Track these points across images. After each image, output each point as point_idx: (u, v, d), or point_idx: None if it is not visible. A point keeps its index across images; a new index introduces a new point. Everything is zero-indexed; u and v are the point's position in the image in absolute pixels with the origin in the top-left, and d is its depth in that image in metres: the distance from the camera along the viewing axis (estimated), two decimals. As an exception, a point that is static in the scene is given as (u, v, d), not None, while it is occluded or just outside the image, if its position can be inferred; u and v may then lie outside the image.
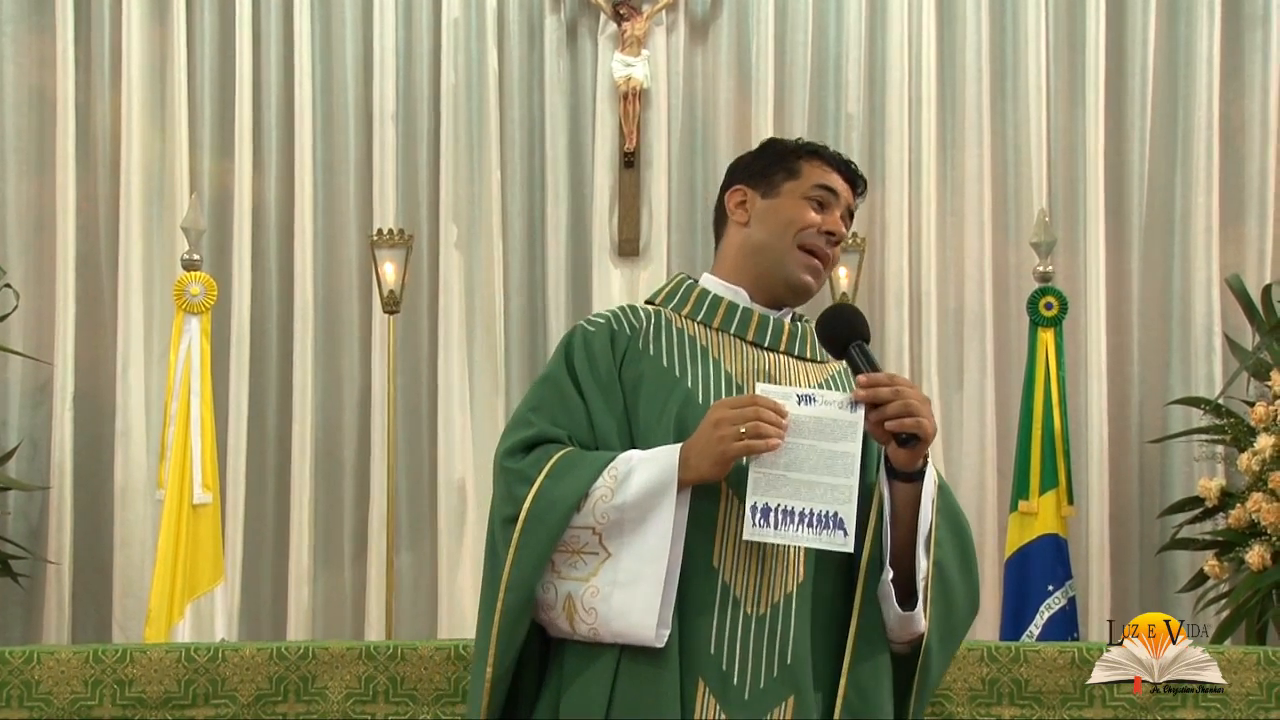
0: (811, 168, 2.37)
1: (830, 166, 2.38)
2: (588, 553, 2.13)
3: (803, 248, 2.33)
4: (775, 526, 2.07)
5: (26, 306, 5.61)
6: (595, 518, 2.13)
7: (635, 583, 2.10)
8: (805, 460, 2.09)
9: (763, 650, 2.15)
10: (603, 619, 2.11)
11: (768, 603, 2.16)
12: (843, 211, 2.37)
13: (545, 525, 2.14)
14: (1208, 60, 5.75)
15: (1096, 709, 2.86)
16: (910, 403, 2.12)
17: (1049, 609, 5.19)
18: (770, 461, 2.08)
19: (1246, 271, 5.61)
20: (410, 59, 5.86)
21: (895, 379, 2.15)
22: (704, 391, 2.24)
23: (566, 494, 2.14)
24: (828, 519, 2.08)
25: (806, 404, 2.11)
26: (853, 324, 2.24)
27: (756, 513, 2.07)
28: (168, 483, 5.14)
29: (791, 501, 2.08)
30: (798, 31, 5.85)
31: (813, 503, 2.08)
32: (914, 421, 2.11)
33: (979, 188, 5.78)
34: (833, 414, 2.11)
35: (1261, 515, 4.89)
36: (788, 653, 2.15)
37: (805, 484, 2.09)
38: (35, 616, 5.60)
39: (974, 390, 5.72)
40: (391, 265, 5.41)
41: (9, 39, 5.81)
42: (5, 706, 2.85)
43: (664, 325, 2.33)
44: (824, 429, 2.11)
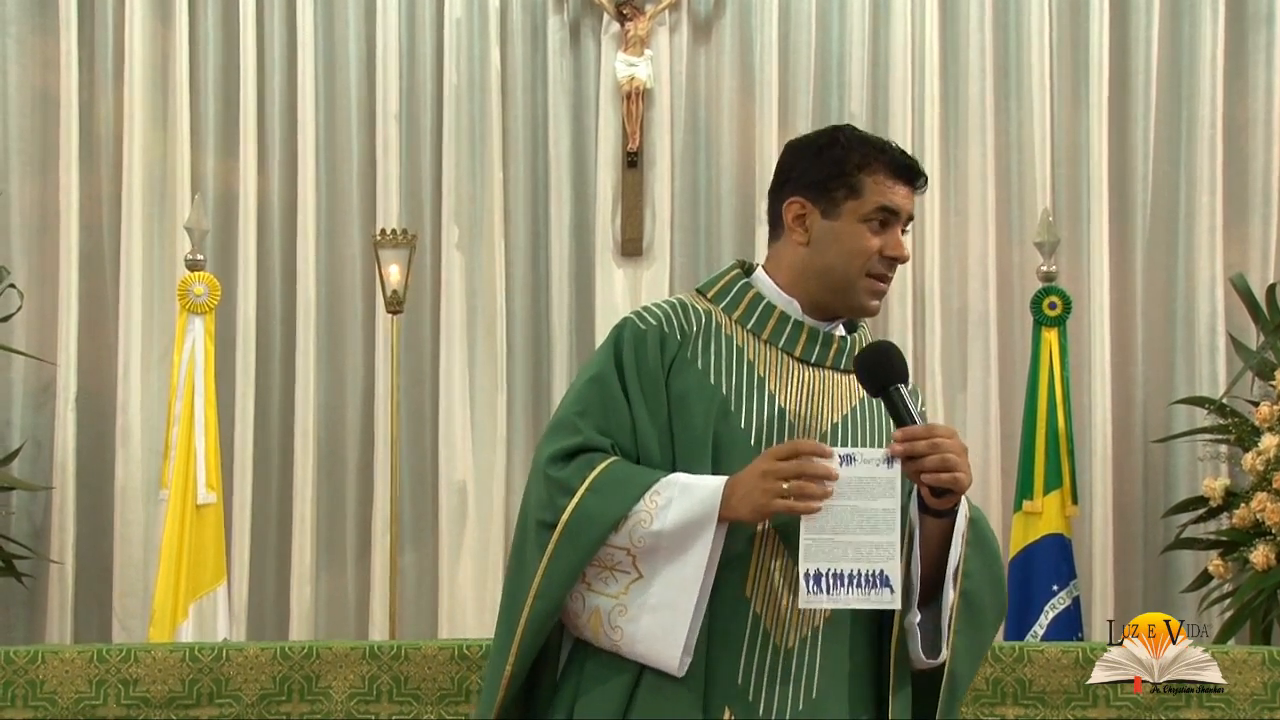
0: (875, 183, 2.26)
1: (893, 177, 2.27)
2: (620, 571, 2.14)
3: (869, 275, 2.30)
4: (827, 591, 2.10)
5: (30, 307, 5.61)
6: (632, 540, 2.13)
7: (664, 609, 2.10)
8: (849, 521, 2.11)
9: (790, 683, 2.16)
10: (628, 639, 2.12)
11: (797, 636, 2.17)
12: (903, 224, 2.30)
13: (582, 541, 2.14)
14: (1211, 59, 5.74)
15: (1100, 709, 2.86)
16: (947, 457, 2.11)
17: (1053, 609, 5.19)
18: (818, 527, 2.10)
19: (1251, 271, 5.61)
20: (413, 59, 5.86)
21: (934, 430, 2.13)
22: (745, 413, 2.23)
23: (607, 512, 2.13)
24: (875, 578, 2.11)
25: (847, 464, 2.12)
26: (891, 365, 2.20)
27: (809, 580, 2.10)
28: (171, 483, 5.14)
29: (839, 565, 2.10)
30: (801, 31, 5.85)
31: (859, 563, 2.10)
32: (950, 478, 2.11)
33: (982, 187, 5.78)
34: (871, 472, 2.12)
35: (1266, 515, 4.89)
36: (814, 686, 2.17)
37: (851, 545, 2.10)
38: (39, 616, 5.61)
39: (978, 390, 5.72)
40: (395, 265, 5.41)
41: (13, 40, 5.82)
42: (10, 706, 2.86)
43: (714, 332, 2.28)
44: (864, 487, 2.12)
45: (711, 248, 5.79)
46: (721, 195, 5.83)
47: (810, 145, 2.34)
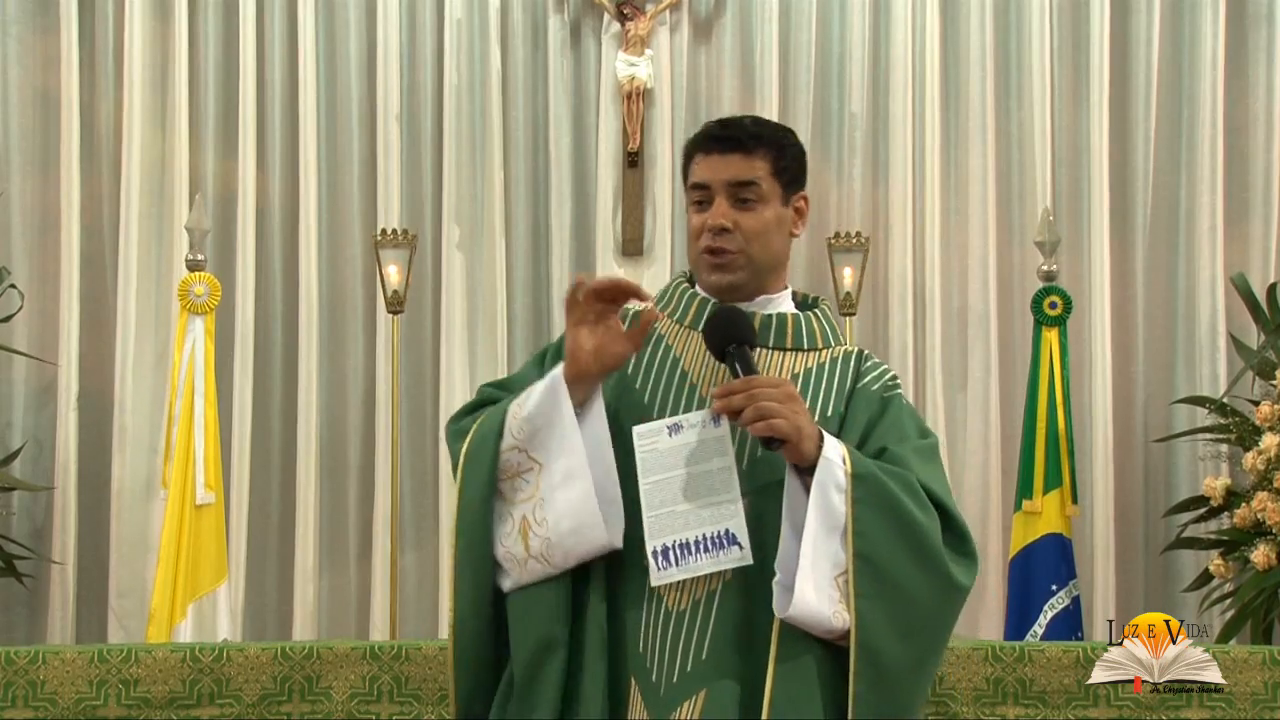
0: (692, 167, 2.34)
1: (703, 151, 2.33)
2: (525, 471, 2.20)
3: (703, 252, 2.32)
4: (676, 564, 2.10)
5: (31, 307, 5.62)
6: (514, 436, 2.20)
7: (570, 480, 2.16)
8: (686, 489, 2.11)
9: (679, 644, 2.16)
10: (552, 525, 2.15)
11: (689, 599, 2.17)
12: (726, 194, 2.29)
13: (479, 458, 2.23)
14: (1212, 59, 5.75)
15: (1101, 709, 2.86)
16: (761, 406, 2.09)
17: (1053, 609, 5.19)
18: (657, 502, 2.11)
19: (1251, 270, 5.61)
20: (414, 59, 5.86)
21: (753, 382, 2.12)
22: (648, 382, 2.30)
23: (492, 425, 2.24)
24: (721, 538, 2.10)
25: (675, 433, 2.13)
26: (731, 328, 2.22)
27: (658, 557, 2.10)
28: (171, 483, 5.14)
29: (684, 534, 2.10)
30: (801, 31, 5.85)
31: (702, 528, 2.10)
32: (764, 426, 2.09)
33: (983, 187, 5.78)
34: (699, 435, 2.13)
35: (1267, 515, 4.89)
36: (704, 647, 2.15)
37: (692, 512, 2.10)
38: (40, 617, 5.61)
39: (978, 390, 5.72)
40: (395, 265, 5.41)
41: (14, 40, 5.82)
42: (11, 706, 2.86)
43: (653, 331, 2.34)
44: (696, 453, 2.13)
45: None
46: (722, 195, 5.82)
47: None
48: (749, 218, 2.30)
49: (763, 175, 2.30)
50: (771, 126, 2.38)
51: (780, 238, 2.34)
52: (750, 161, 2.30)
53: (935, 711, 2.86)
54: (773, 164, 2.31)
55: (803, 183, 2.39)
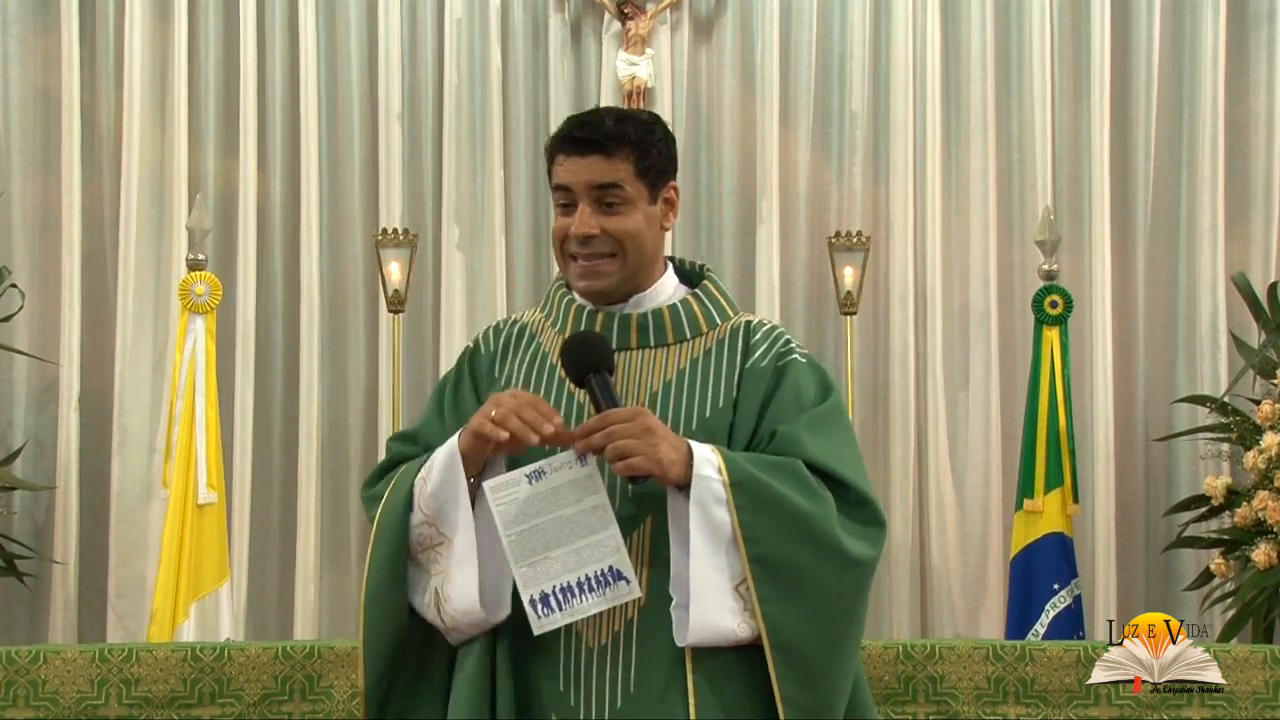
0: (554, 168, 2.25)
1: (562, 152, 2.23)
2: (437, 544, 2.16)
3: (569, 259, 2.27)
4: (560, 609, 2.06)
5: (32, 306, 5.62)
6: (423, 511, 2.17)
7: (463, 563, 2.13)
8: (560, 533, 2.07)
9: (605, 683, 2.13)
10: (452, 605, 2.14)
11: (609, 632, 2.13)
12: (589, 198, 2.21)
13: (388, 533, 2.19)
14: (1213, 58, 5.75)
15: (1102, 708, 2.86)
16: (618, 445, 2.05)
17: (1054, 608, 5.19)
18: (528, 552, 2.07)
19: (1252, 269, 5.61)
20: (415, 58, 5.86)
21: (608, 419, 2.08)
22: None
23: (399, 498, 2.19)
24: (606, 575, 2.07)
25: (538, 479, 2.09)
26: (592, 355, 2.16)
27: (537, 606, 2.07)
28: (172, 483, 5.14)
29: (564, 577, 2.06)
30: (802, 30, 5.85)
31: (584, 568, 2.06)
32: (624, 466, 2.05)
33: (984, 186, 5.78)
34: (566, 477, 2.09)
35: (1268, 513, 4.89)
36: (630, 681, 2.12)
37: (570, 554, 2.07)
38: (41, 616, 5.61)
39: (979, 389, 5.72)
40: (396, 264, 5.42)
41: (14, 39, 5.82)
42: (12, 706, 2.86)
43: (520, 340, 2.35)
44: (565, 495, 2.09)
45: (713, 246, 5.80)
46: (723, 194, 5.83)
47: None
48: (615, 222, 2.21)
49: (626, 177, 2.21)
50: (634, 122, 2.25)
51: (651, 236, 2.26)
52: (612, 163, 2.20)
53: (935, 710, 2.86)
54: (636, 164, 2.22)
55: (672, 173, 2.29)
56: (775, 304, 5.67)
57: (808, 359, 2.29)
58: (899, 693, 2.91)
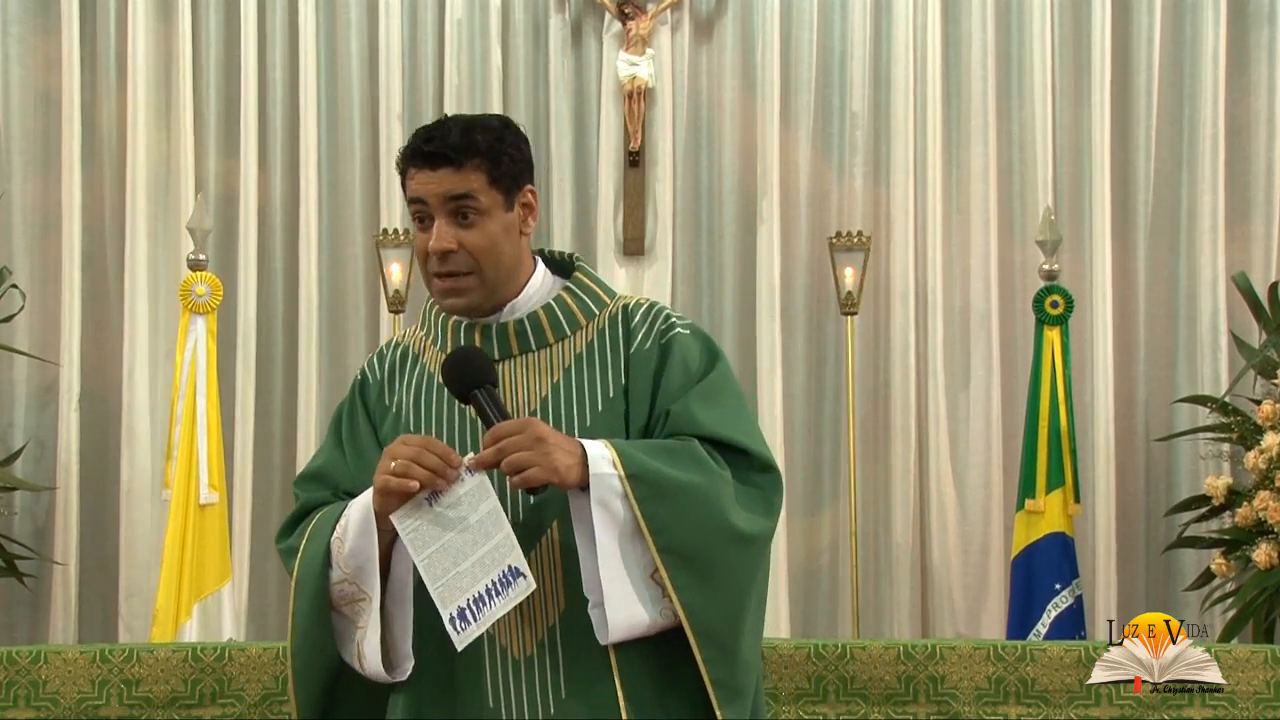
0: (408, 181, 2.22)
1: (414, 165, 2.20)
2: (359, 599, 2.17)
3: (435, 276, 2.23)
4: (475, 619, 2.07)
5: (32, 307, 5.62)
6: (343, 570, 2.17)
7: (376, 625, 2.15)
8: (462, 547, 2.09)
9: (536, 692, 2.13)
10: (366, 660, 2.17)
11: (534, 642, 2.14)
12: (444, 211, 2.18)
13: (307, 589, 2.19)
14: (1213, 58, 5.74)
15: (1103, 708, 2.86)
16: (512, 459, 2.06)
17: (1056, 608, 5.19)
18: (438, 572, 2.09)
19: (1253, 269, 5.61)
20: (415, 58, 5.86)
21: (498, 434, 2.08)
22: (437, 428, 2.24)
23: (317, 554, 2.19)
24: (506, 576, 2.07)
25: (434, 501, 2.11)
26: (470, 370, 2.15)
27: (456, 622, 2.07)
28: (174, 483, 5.14)
29: (474, 589, 2.07)
30: (803, 30, 5.85)
31: (488, 576, 2.07)
32: (520, 479, 2.06)
33: (984, 186, 5.78)
34: (459, 493, 2.10)
35: (1268, 514, 4.89)
36: (561, 687, 2.13)
37: (475, 565, 2.08)
38: (42, 617, 5.61)
39: (980, 389, 5.72)
40: (397, 265, 5.42)
41: (15, 40, 5.82)
42: (13, 706, 2.86)
43: (405, 363, 2.32)
44: (460, 508, 2.10)
45: (713, 246, 5.80)
46: (723, 194, 5.83)
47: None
48: (472, 235, 2.18)
49: (479, 187, 2.18)
50: (483, 130, 2.20)
51: (511, 244, 2.23)
52: (463, 175, 2.17)
53: (936, 710, 2.86)
54: (488, 174, 2.18)
55: (527, 176, 2.26)
56: (775, 304, 5.67)
57: (691, 329, 2.29)
58: (900, 693, 2.91)
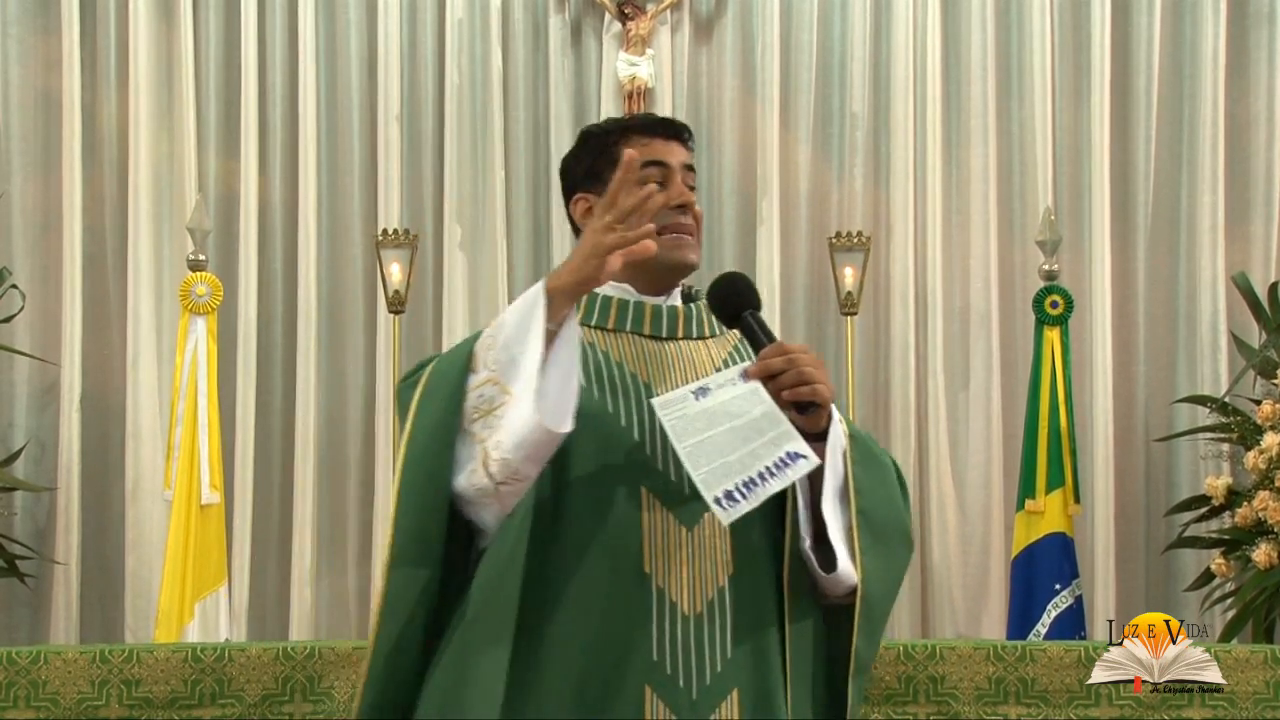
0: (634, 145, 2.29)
1: (648, 135, 2.32)
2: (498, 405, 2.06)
3: (661, 231, 2.25)
4: (744, 498, 2.05)
5: (33, 307, 5.62)
6: (489, 368, 2.08)
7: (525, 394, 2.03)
8: (731, 441, 2.08)
9: (705, 649, 2.13)
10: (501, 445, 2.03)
11: (703, 601, 2.14)
12: (680, 173, 2.31)
13: (439, 393, 2.12)
14: (1213, 58, 5.74)
15: (1103, 708, 2.86)
16: (804, 370, 2.10)
17: (1056, 608, 5.19)
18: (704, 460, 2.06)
19: (1252, 269, 5.61)
20: (415, 59, 5.86)
21: (786, 347, 2.13)
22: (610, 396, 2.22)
23: (455, 359, 2.13)
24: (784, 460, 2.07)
25: (703, 396, 2.11)
26: (742, 294, 2.23)
27: (722, 501, 2.04)
28: (175, 483, 5.14)
29: (744, 474, 2.06)
30: (802, 31, 5.85)
31: (762, 461, 2.07)
32: (809, 390, 2.10)
33: (984, 186, 5.78)
34: (731, 392, 2.11)
35: (1268, 514, 4.89)
36: (728, 647, 2.14)
37: (748, 455, 2.07)
38: (42, 617, 5.61)
39: (980, 389, 5.72)
40: (397, 265, 5.41)
41: (15, 40, 5.82)
42: (13, 706, 2.86)
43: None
44: (732, 409, 2.10)
45: (713, 246, 5.80)
46: (723, 195, 5.84)
47: (573, 150, 2.43)
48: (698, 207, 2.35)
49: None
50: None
51: None
52: (689, 154, 2.35)
53: (936, 710, 2.86)
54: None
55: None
56: (776, 304, 5.67)
57: None
58: (900, 693, 2.90)
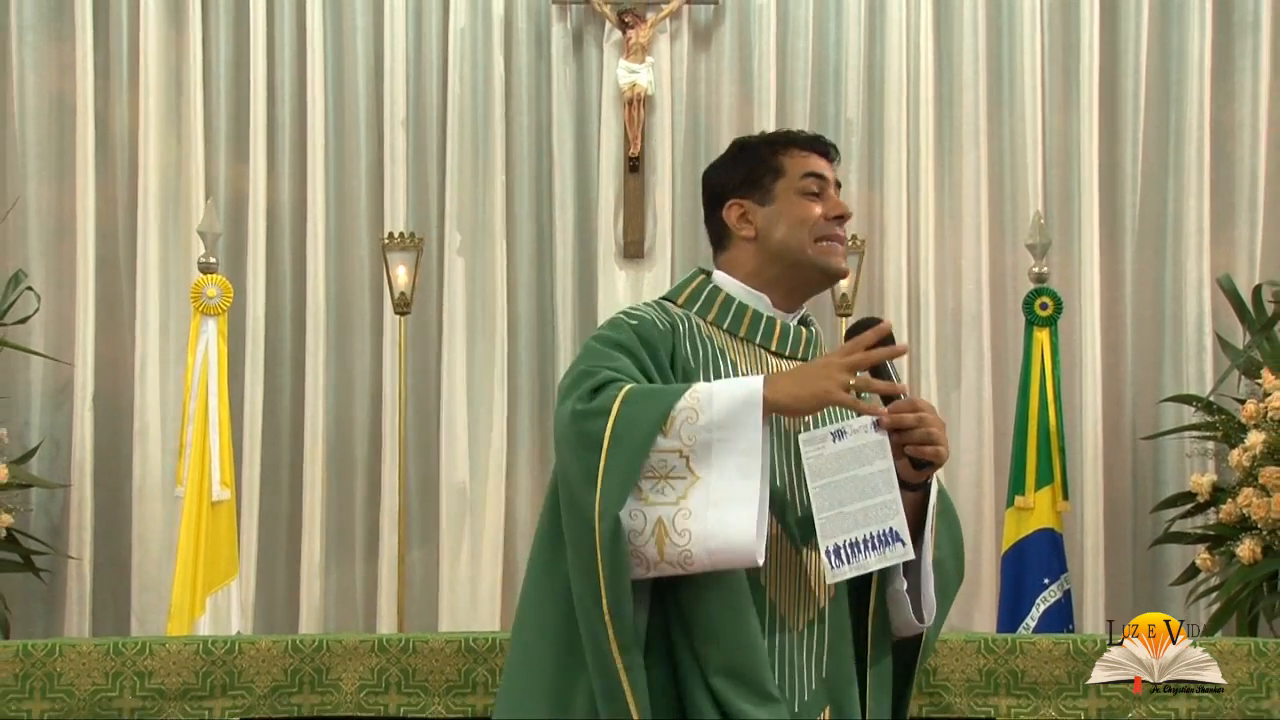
0: (793, 159, 2.38)
1: (808, 150, 2.40)
2: (675, 477, 2.06)
3: (820, 239, 2.35)
4: (848, 561, 2.13)
5: (47, 309, 5.62)
6: (683, 440, 2.06)
7: (730, 502, 2.04)
8: (852, 491, 2.14)
9: (807, 663, 2.20)
10: (697, 538, 2.03)
11: (805, 618, 2.21)
12: (834, 188, 2.40)
13: (629, 445, 2.06)
14: (1199, 66, 5.75)
15: (1091, 699, 2.87)
16: (932, 431, 2.16)
17: (1045, 602, 5.19)
18: (827, 504, 2.13)
19: (1237, 272, 5.62)
20: (419, 67, 5.87)
21: (918, 404, 2.19)
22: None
23: (650, 414, 2.08)
24: (885, 536, 2.13)
25: (839, 439, 2.15)
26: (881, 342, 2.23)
27: (831, 555, 2.12)
28: (187, 480, 5.15)
29: (853, 534, 2.13)
30: (798, 38, 5.85)
31: (869, 527, 2.13)
32: (933, 451, 2.17)
33: (976, 191, 5.79)
34: (860, 440, 2.15)
35: (1252, 510, 4.89)
36: (824, 664, 2.21)
37: (860, 512, 2.13)
38: (57, 610, 5.61)
39: (971, 389, 5.72)
40: (403, 267, 5.42)
41: (30, 47, 5.82)
42: (28, 698, 2.87)
43: (695, 331, 2.32)
44: (858, 456, 2.15)
45: (710, 249, 5.78)
46: (721, 199, 5.83)
47: (727, 158, 2.48)
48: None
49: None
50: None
51: None
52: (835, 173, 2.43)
53: (929, 703, 2.86)
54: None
55: None
56: (772, 306, 5.66)
57: None
58: (893, 685, 2.91)
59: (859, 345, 2.14)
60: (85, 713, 2.88)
